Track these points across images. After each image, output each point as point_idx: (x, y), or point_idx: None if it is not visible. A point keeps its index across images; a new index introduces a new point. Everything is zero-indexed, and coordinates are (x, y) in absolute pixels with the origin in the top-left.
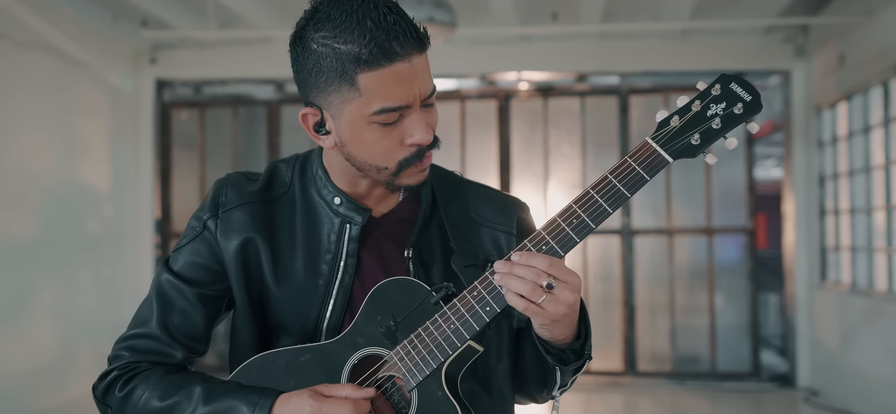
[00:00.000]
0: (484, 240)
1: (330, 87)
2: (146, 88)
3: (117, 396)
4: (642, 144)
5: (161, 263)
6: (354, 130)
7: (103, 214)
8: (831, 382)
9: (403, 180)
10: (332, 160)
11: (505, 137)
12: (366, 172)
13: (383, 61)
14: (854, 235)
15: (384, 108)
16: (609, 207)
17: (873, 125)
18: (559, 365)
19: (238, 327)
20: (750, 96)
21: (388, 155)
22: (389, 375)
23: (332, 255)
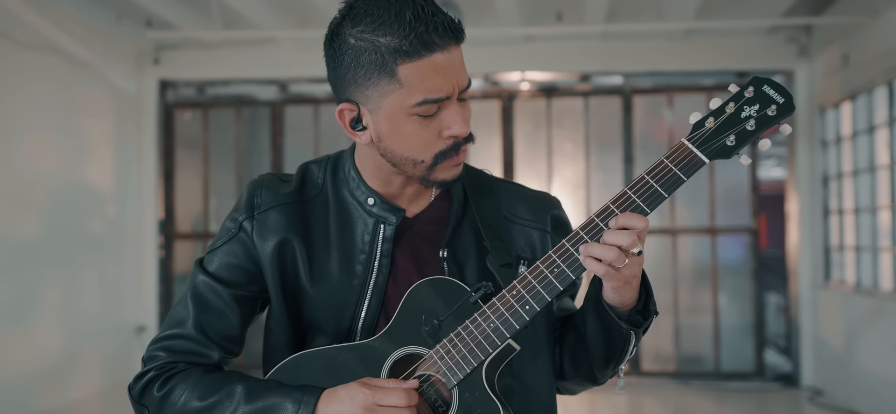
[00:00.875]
0: (517, 237)
1: (369, 80)
2: (150, 89)
3: (156, 396)
4: (678, 146)
5: (196, 264)
6: (394, 123)
7: (107, 215)
8: (835, 382)
9: (438, 175)
10: (366, 159)
11: (508, 137)
12: (401, 167)
13: (423, 52)
14: (858, 234)
15: (426, 99)
16: (647, 206)
17: (878, 125)
18: (633, 329)
19: (272, 327)
20: (783, 98)
21: (426, 148)
22: (425, 373)
23: (366, 255)
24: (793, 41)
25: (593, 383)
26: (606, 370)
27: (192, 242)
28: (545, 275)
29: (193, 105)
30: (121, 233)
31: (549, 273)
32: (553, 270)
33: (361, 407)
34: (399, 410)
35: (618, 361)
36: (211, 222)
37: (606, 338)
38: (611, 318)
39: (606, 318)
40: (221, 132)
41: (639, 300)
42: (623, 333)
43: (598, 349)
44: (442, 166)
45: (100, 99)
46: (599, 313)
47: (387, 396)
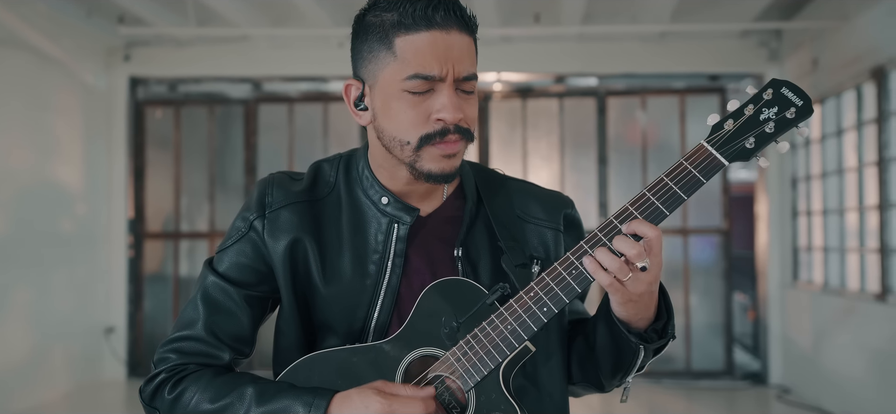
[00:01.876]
0: (530, 237)
1: (371, 53)
2: (120, 86)
3: (167, 398)
4: (697, 148)
5: (205, 265)
6: (385, 98)
7: (76, 214)
8: (803, 380)
9: (425, 163)
10: (375, 153)
11: (484, 138)
12: (391, 151)
13: (422, 27)
14: (827, 235)
15: (416, 74)
16: (666, 209)
17: (846, 128)
18: (642, 344)
19: (283, 328)
20: (801, 101)
21: (412, 128)
22: (437, 374)
23: (379, 255)
24: (764, 45)
25: (599, 390)
26: (613, 380)
27: (163, 241)
28: (563, 276)
29: (165, 103)
30: (90, 232)
31: (567, 274)
32: (571, 271)
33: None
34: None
35: (625, 372)
36: (182, 222)
37: (615, 349)
38: (619, 331)
39: (615, 330)
40: (194, 130)
41: (658, 320)
42: (632, 347)
43: (607, 359)
44: (428, 152)
45: (69, 96)
46: (609, 325)
47: (403, 406)
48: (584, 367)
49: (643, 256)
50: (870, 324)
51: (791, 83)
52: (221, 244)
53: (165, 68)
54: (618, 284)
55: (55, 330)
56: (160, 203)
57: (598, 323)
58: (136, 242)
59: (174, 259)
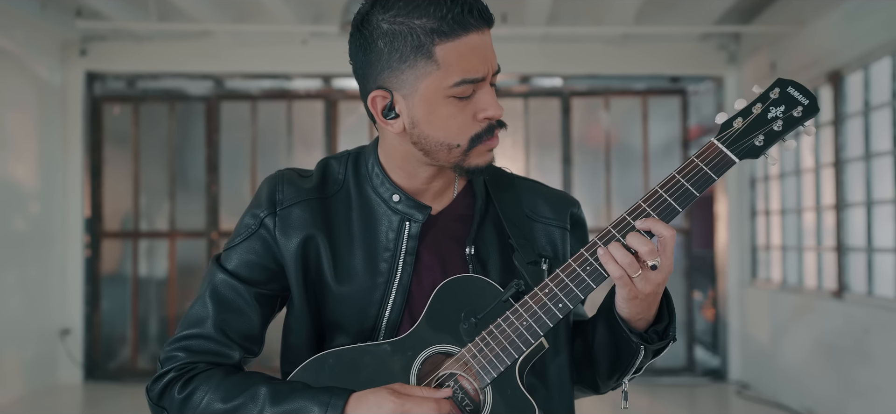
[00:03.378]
0: (538, 235)
1: (404, 63)
2: (75, 81)
3: (177, 398)
4: (708, 146)
5: (213, 262)
6: (430, 106)
7: (29, 213)
8: (761, 376)
9: (472, 161)
10: (393, 152)
11: None
12: (434, 155)
13: (460, 31)
14: (784, 234)
15: (464, 79)
16: (679, 206)
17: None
18: (643, 344)
19: (293, 326)
20: (807, 100)
21: (462, 131)
22: (450, 373)
23: (390, 253)
24: (723, 48)
25: (594, 392)
26: (609, 381)
27: (121, 240)
28: (578, 273)
29: (123, 99)
30: (44, 231)
31: (582, 271)
32: (586, 267)
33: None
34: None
35: (622, 373)
36: (141, 221)
37: (614, 349)
38: (620, 329)
39: (616, 329)
40: (153, 128)
41: (660, 322)
42: (632, 347)
43: (604, 359)
44: (476, 151)
45: (22, 91)
46: (610, 323)
47: (418, 406)
48: (581, 366)
49: (655, 255)
50: (827, 320)
51: (797, 83)
52: (230, 242)
53: (123, 64)
54: (627, 279)
55: (7, 332)
56: (118, 202)
57: (598, 322)
58: (93, 242)
59: (133, 259)
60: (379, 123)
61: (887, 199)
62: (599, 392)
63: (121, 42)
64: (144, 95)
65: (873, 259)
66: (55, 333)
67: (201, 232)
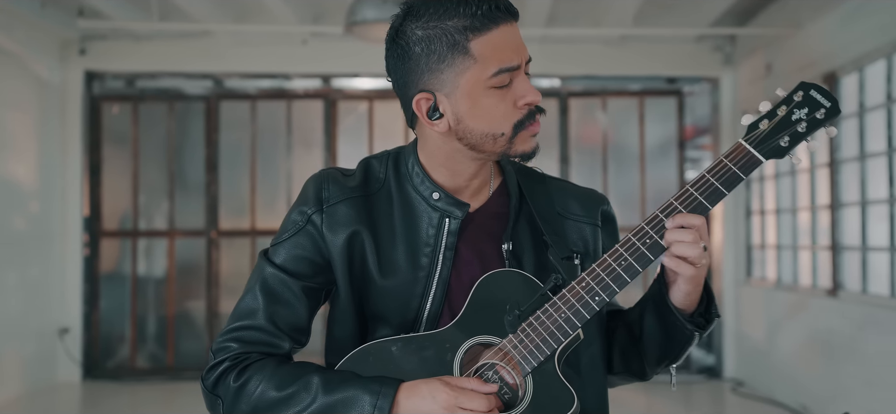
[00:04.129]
0: (570, 232)
1: (443, 63)
2: (75, 80)
3: (232, 386)
4: (736, 146)
5: (261, 256)
6: (473, 100)
7: (29, 212)
8: (756, 373)
9: (518, 148)
10: (436, 151)
11: None
12: (480, 147)
13: (491, 25)
14: (780, 233)
15: (501, 68)
16: (708, 203)
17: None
18: (697, 330)
19: (339, 318)
20: (829, 103)
21: (505, 119)
22: (491, 362)
23: (431, 248)
24: (719, 50)
25: (641, 379)
26: (658, 368)
27: (120, 239)
28: (613, 267)
29: (122, 98)
30: (44, 230)
31: (617, 266)
32: (621, 262)
33: (443, 407)
34: (480, 411)
35: (672, 360)
36: (140, 220)
37: (665, 338)
38: (675, 319)
39: (670, 319)
40: (152, 127)
41: (700, 303)
42: (686, 334)
43: (654, 348)
44: (520, 137)
45: (22, 90)
46: (661, 314)
47: (470, 400)
48: (627, 357)
49: (700, 240)
50: (821, 318)
51: (819, 86)
52: (277, 238)
53: (122, 63)
54: (687, 265)
55: (7, 331)
56: (117, 201)
57: (646, 314)
58: (92, 241)
59: (132, 258)
60: (422, 125)
61: (881, 199)
62: (645, 379)
63: (120, 41)
64: (144, 95)
65: (867, 258)
66: (54, 331)
67: (201, 231)
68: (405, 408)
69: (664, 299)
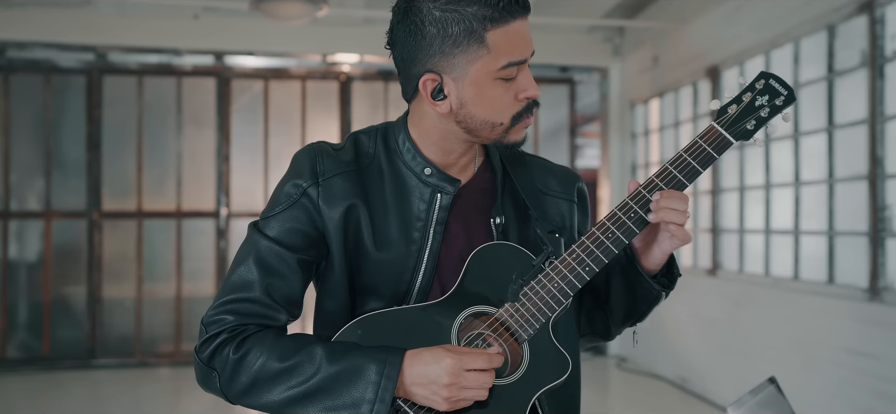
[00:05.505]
0: (549, 208)
1: (457, 48)
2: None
3: (231, 358)
4: (710, 128)
5: (252, 229)
6: (479, 88)
7: None
8: (639, 350)
9: (512, 137)
10: (430, 130)
11: (346, 120)
12: (477, 133)
13: (509, 18)
14: None
15: (510, 62)
16: (685, 179)
17: (683, 120)
18: (664, 290)
19: (331, 291)
20: (786, 91)
21: (506, 110)
22: (478, 333)
23: (422, 222)
24: (609, 41)
25: (604, 339)
26: (622, 327)
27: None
28: (602, 239)
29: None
30: None
31: (605, 238)
32: (608, 235)
33: (447, 371)
34: (483, 375)
35: (639, 318)
36: (12, 200)
37: (632, 299)
38: (644, 281)
39: (637, 281)
40: (25, 101)
41: (662, 266)
42: (653, 294)
43: (620, 309)
44: (516, 128)
45: None
46: (629, 277)
47: (473, 360)
48: (593, 319)
49: (687, 212)
50: (701, 297)
51: (777, 76)
52: (268, 210)
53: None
54: (676, 228)
55: None
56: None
57: (613, 278)
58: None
59: (3, 240)
60: (421, 102)
61: (758, 185)
62: (609, 338)
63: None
64: (13, 66)
65: (744, 240)
66: None
67: (81, 212)
68: (411, 375)
69: (633, 265)
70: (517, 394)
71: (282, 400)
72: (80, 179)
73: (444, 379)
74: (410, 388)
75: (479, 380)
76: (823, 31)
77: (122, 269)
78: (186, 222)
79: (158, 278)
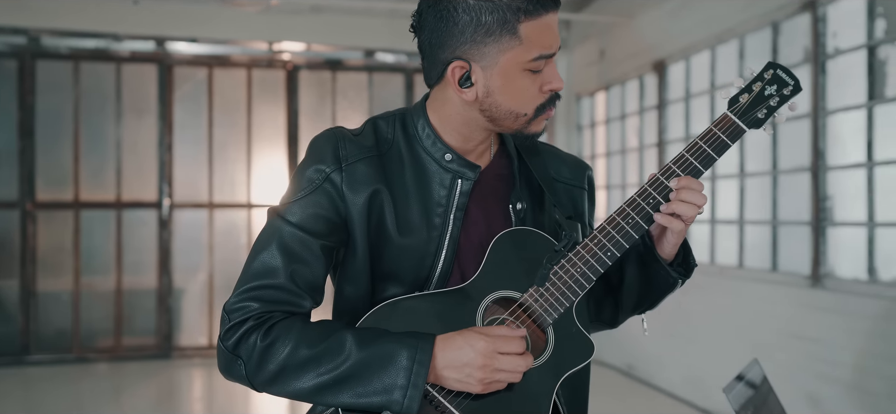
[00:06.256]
0: (562, 195)
1: (489, 38)
2: None
3: (259, 345)
4: (723, 117)
5: (273, 215)
6: (508, 78)
7: None
8: None
9: (534, 128)
10: (451, 116)
11: (293, 108)
12: (500, 122)
13: (541, 11)
14: (610, 207)
15: (541, 54)
16: (702, 166)
17: (629, 113)
18: (681, 278)
19: (351, 277)
20: (793, 81)
21: (531, 101)
22: (498, 318)
23: (443, 208)
24: None
25: (610, 326)
26: (630, 314)
27: None
28: (622, 225)
29: None
30: None
31: (625, 223)
32: (628, 221)
33: (481, 354)
34: (516, 358)
35: (650, 306)
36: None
37: (647, 286)
38: (661, 268)
39: (655, 268)
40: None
41: (678, 254)
42: (669, 282)
43: (633, 296)
44: (538, 120)
45: None
46: (646, 264)
47: (506, 343)
48: (600, 306)
49: (704, 199)
50: None
51: (784, 66)
52: (289, 196)
53: None
54: (679, 221)
55: None
56: None
57: (627, 265)
58: None
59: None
60: (446, 88)
61: (704, 176)
62: (615, 326)
63: None
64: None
65: (691, 229)
66: None
67: (13, 203)
68: (443, 359)
69: (651, 251)
70: (544, 376)
71: (311, 387)
72: (12, 169)
73: (479, 361)
74: (442, 372)
75: (513, 363)
76: (768, 27)
77: (58, 261)
78: (127, 213)
79: (97, 271)
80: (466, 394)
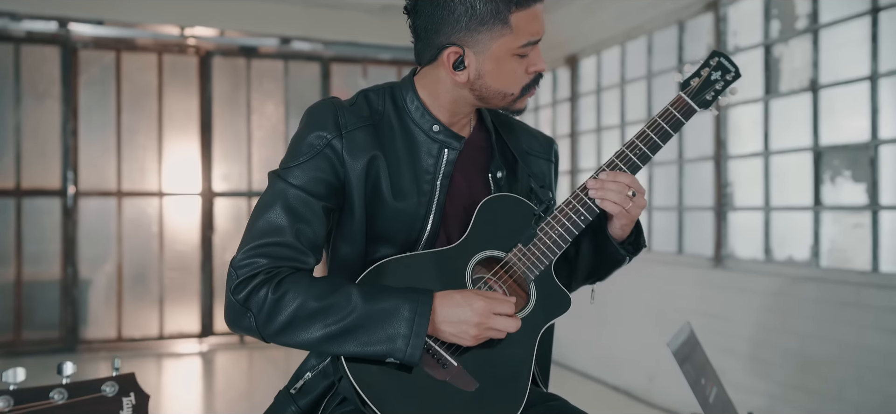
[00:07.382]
0: (534, 166)
1: (482, 26)
2: None
3: (270, 298)
4: (678, 98)
5: (276, 177)
6: (498, 63)
7: None
8: None
9: (519, 105)
10: (443, 95)
11: (206, 95)
12: (489, 101)
13: (532, 2)
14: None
15: (529, 41)
16: (660, 140)
17: (542, 105)
18: (629, 255)
19: (348, 238)
20: (734, 68)
21: (517, 82)
22: (479, 277)
23: (431, 175)
24: None
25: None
26: (582, 284)
27: None
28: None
29: None
30: None
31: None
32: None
33: (478, 313)
34: (508, 319)
35: (600, 278)
36: None
37: (598, 260)
38: (610, 244)
39: (604, 244)
40: None
41: (631, 235)
42: (618, 258)
43: (586, 267)
44: (523, 98)
45: None
46: (599, 240)
47: (501, 305)
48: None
49: (628, 188)
50: None
51: (726, 55)
52: (290, 160)
53: None
54: (623, 210)
55: None
56: None
57: (582, 238)
58: None
59: None
60: (438, 69)
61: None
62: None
63: None
64: None
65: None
66: None
67: None
68: (441, 314)
69: (603, 229)
70: (528, 325)
71: (319, 337)
72: None
73: (475, 319)
74: (440, 325)
75: (505, 323)
76: (674, 25)
77: None
78: (28, 201)
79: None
80: (457, 346)
